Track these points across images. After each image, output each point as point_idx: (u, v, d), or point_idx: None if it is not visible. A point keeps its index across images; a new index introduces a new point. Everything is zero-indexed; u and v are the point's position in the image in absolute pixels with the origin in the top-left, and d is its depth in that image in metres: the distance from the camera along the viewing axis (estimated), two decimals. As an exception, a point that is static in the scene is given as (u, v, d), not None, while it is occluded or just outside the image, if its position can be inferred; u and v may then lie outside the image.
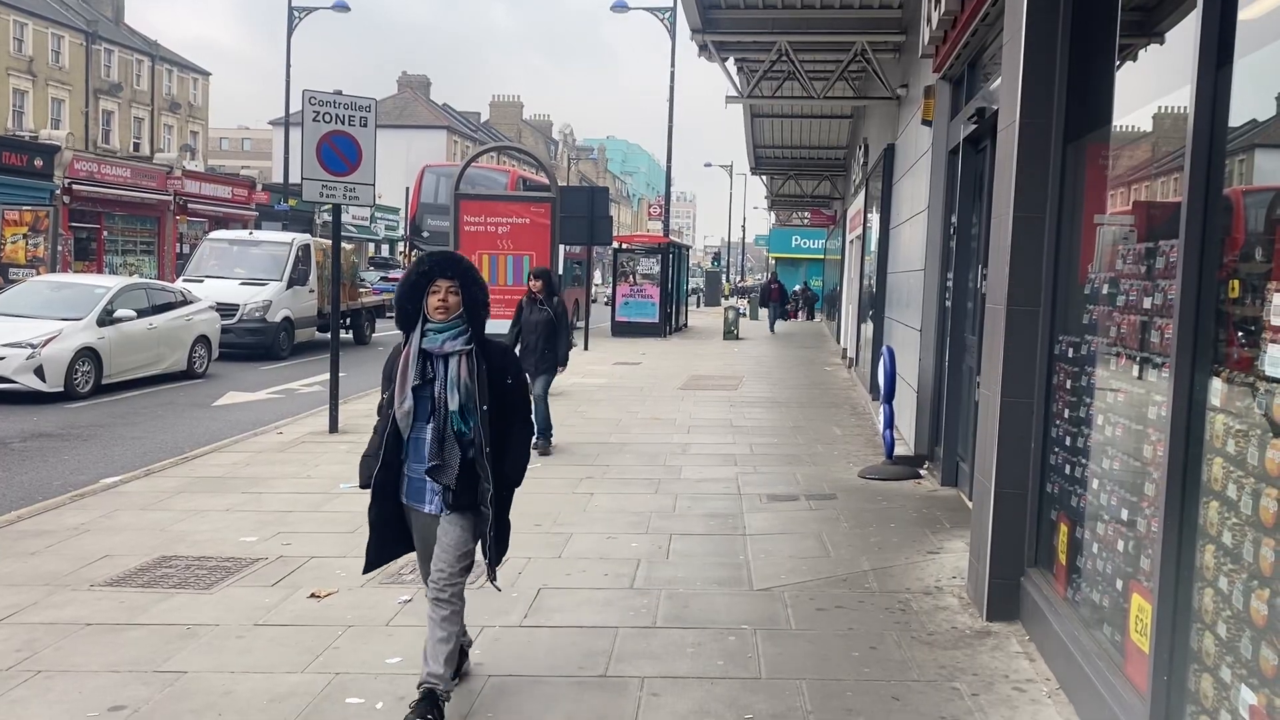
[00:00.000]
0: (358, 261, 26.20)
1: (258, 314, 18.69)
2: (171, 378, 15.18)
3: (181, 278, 20.45)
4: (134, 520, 6.98)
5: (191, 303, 16.03)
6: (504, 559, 4.20)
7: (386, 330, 25.65)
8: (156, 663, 4.51)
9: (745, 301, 41.60)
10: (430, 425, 3.93)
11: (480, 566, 4.19)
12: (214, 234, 23.03)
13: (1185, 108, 3.37)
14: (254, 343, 18.55)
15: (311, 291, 20.52)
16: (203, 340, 16.00)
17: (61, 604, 5.27)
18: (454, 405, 3.90)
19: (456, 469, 3.92)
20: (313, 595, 5.43)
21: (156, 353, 14.82)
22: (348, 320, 21.75)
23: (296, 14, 34.17)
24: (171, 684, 4.29)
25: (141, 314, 14.61)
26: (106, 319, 13.83)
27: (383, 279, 32.09)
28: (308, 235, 22.84)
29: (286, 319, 19.32)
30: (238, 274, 19.57)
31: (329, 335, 11.11)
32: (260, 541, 6.41)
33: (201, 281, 18.87)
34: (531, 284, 9.86)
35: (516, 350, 9.11)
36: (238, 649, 4.71)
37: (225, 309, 17.87)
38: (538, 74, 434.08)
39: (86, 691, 4.22)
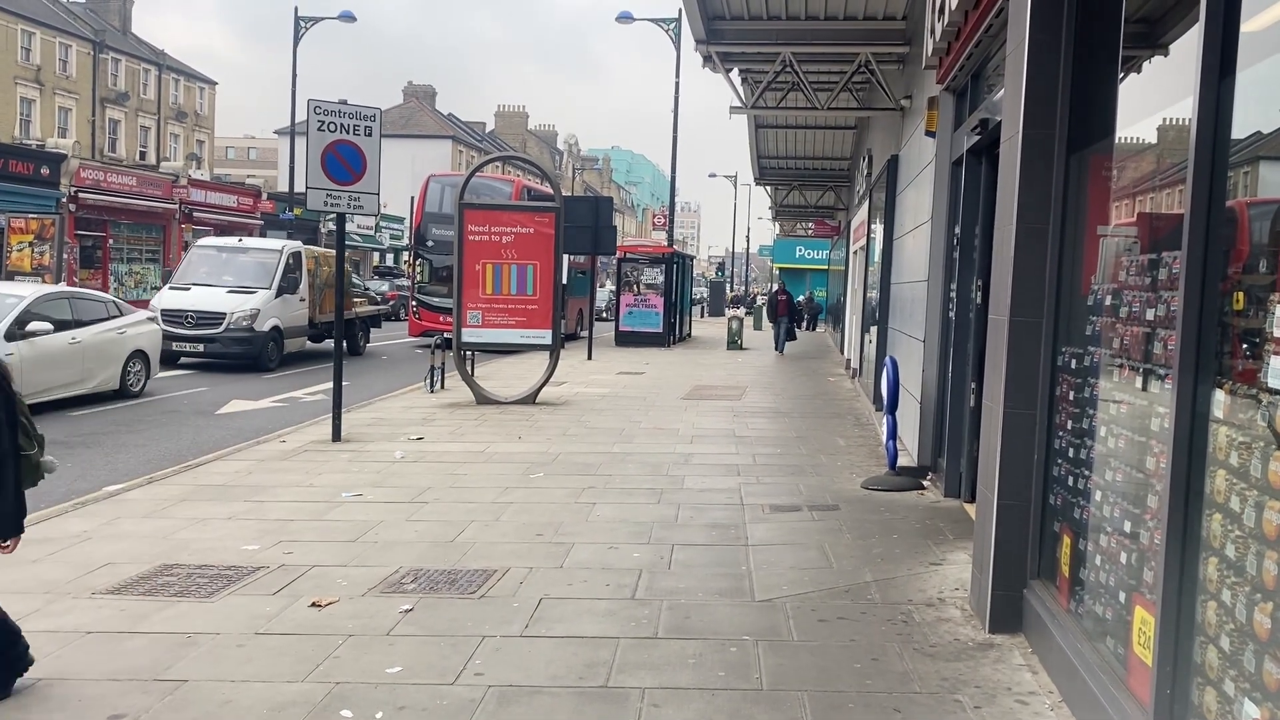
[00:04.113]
0: (352, 270, 26.13)
1: (245, 323, 18.03)
2: (101, 398, 13.52)
3: (167, 285, 19.95)
4: (136, 528, 6.98)
5: (125, 314, 14.60)
6: None
7: (380, 340, 25.67)
8: (157, 671, 4.51)
9: (744, 310, 41.35)
10: None
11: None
12: (202, 241, 22.22)
13: (1188, 119, 3.37)
14: (241, 353, 17.94)
15: (302, 300, 19.74)
16: (139, 355, 14.34)
17: (62, 612, 5.27)
18: None
19: None
20: (314, 604, 5.42)
21: (82, 369, 13.10)
22: (340, 329, 21.58)
23: (303, 24, 34.34)
24: (171, 693, 4.29)
25: (63, 327, 12.81)
26: (16, 333, 12.00)
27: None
28: (299, 242, 22.31)
29: (275, 328, 18.65)
30: (226, 282, 18.87)
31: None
32: (262, 550, 6.41)
33: (188, 289, 18.48)
34: None
35: None
36: (238, 658, 4.70)
37: (211, 318, 17.67)
38: (534, 85, 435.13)
39: (86, 700, 4.21)
